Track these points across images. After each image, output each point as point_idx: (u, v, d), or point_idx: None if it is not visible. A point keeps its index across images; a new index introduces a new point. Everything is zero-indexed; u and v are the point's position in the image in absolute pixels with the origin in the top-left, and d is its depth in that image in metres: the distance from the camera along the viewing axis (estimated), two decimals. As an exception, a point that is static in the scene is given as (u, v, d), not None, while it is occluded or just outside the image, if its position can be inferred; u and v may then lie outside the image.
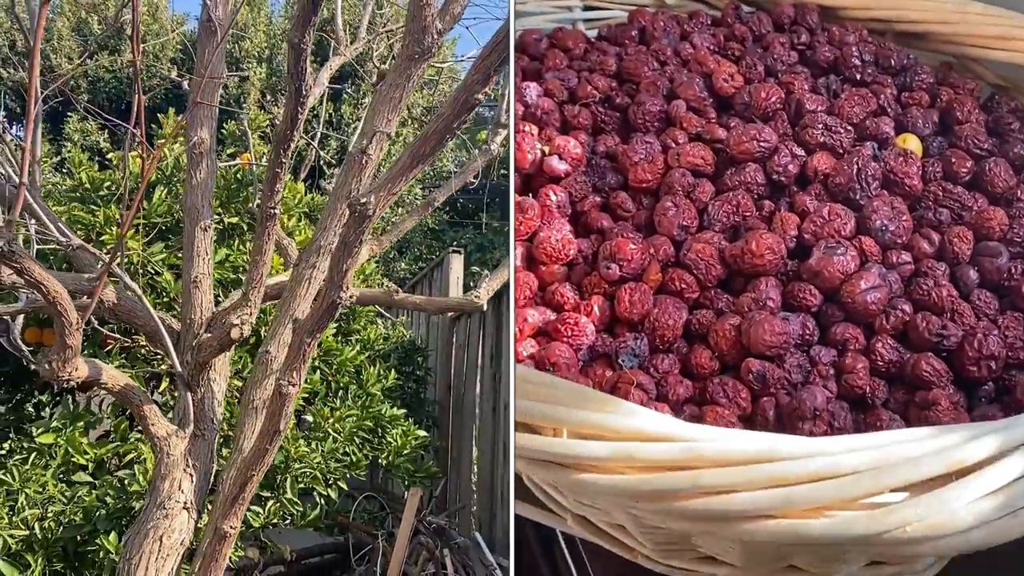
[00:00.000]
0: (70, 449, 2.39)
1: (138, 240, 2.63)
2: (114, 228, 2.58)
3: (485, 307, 1.97)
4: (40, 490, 2.30)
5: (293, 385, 1.34)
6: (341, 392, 3.11)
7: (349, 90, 7.74)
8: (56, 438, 2.41)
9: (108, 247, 2.53)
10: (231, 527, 1.42)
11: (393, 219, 7.29)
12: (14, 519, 2.22)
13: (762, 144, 1.94)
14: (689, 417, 1.70)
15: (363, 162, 1.47)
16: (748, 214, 1.91)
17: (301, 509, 2.70)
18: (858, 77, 2.09)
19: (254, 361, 1.58)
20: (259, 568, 2.84)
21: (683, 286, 1.84)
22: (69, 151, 3.33)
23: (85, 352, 2.40)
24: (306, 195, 3.26)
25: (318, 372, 3.01)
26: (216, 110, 1.78)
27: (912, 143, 1.96)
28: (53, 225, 1.66)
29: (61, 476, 2.38)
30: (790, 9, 2.30)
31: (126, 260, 2.54)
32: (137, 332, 2.11)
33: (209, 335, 1.69)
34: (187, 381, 1.67)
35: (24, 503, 2.26)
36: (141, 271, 2.62)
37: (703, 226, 1.92)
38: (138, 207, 1.78)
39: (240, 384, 2.61)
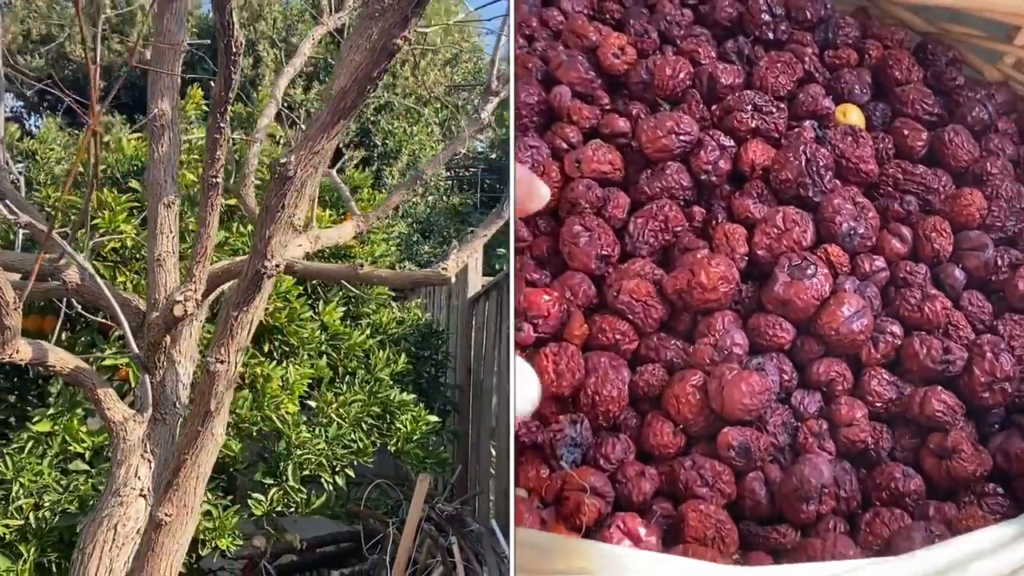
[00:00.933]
0: (67, 437, 2.37)
1: (132, 223, 2.56)
2: (106, 212, 2.53)
3: (454, 279, 1.76)
4: (35, 479, 2.29)
5: (221, 362, 1.27)
6: (349, 377, 3.01)
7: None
8: (53, 426, 2.38)
9: (100, 231, 2.51)
10: (166, 514, 1.34)
11: (414, 200, 6.95)
12: (8, 509, 2.23)
13: (682, 138, 1.52)
14: (664, 520, 1.29)
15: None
16: (679, 228, 1.50)
17: (305, 496, 2.66)
18: (771, 36, 1.71)
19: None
20: (267, 557, 2.77)
21: (617, 337, 1.41)
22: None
23: (85, 340, 2.53)
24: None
25: (324, 357, 2.92)
26: (177, 80, 1.73)
27: (854, 115, 1.61)
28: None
29: (58, 464, 2.37)
30: (669, -43, 1.88)
31: (118, 243, 2.54)
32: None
33: (156, 314, 1.65)
34: (144, 363, 1.61)
35: (18, 492, 2.26)
36: (137, 255, 2.57)
37: (626, 252, 1.49)
38: (92, 186, 1.74)
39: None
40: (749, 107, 1.55)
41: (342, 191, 2.42)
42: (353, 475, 2.75)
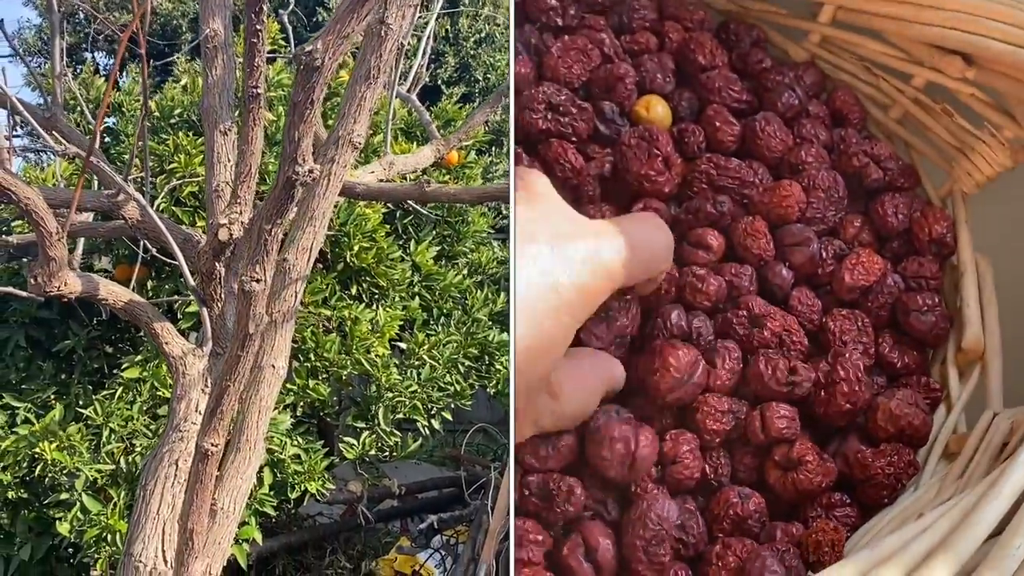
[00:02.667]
0: (155, 383, 2.40)
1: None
2: (182, 156, 2.51)
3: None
4: (124, 424, 2.33)
5: (256, 281, 1.17)
6: (443, 319, 2.93)
7: (466, 1, 7.01)
8: (142, 372, 2.40)
9: (177, 175, 2.48)
10: (212, 444, 1.27)
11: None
12: (99, 456, 2.27)
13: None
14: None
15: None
16: None
17: (399, 440, 2.65)
18: (559, 22, 1.52)
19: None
20: (364, 502, 2.77)
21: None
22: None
23: (169, 287, 2.53)
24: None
25: (417, 299, 2.85)
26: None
27: (659, 108, 1.44)
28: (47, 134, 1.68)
29: (148, 410, 2.39)
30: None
31: (195, 187, 2.46)
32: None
33: (203, 242, 1.60)
34: (201, 296, 1.59)
35: (108, 437, 2.30)
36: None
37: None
38: (103, 114, 1.64)
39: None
40: (542, 107, 1.35)
41: (420, 112, 2.29)
42: (451, 418, 2.72)
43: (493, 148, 4.90)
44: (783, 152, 1.42)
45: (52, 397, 2.53)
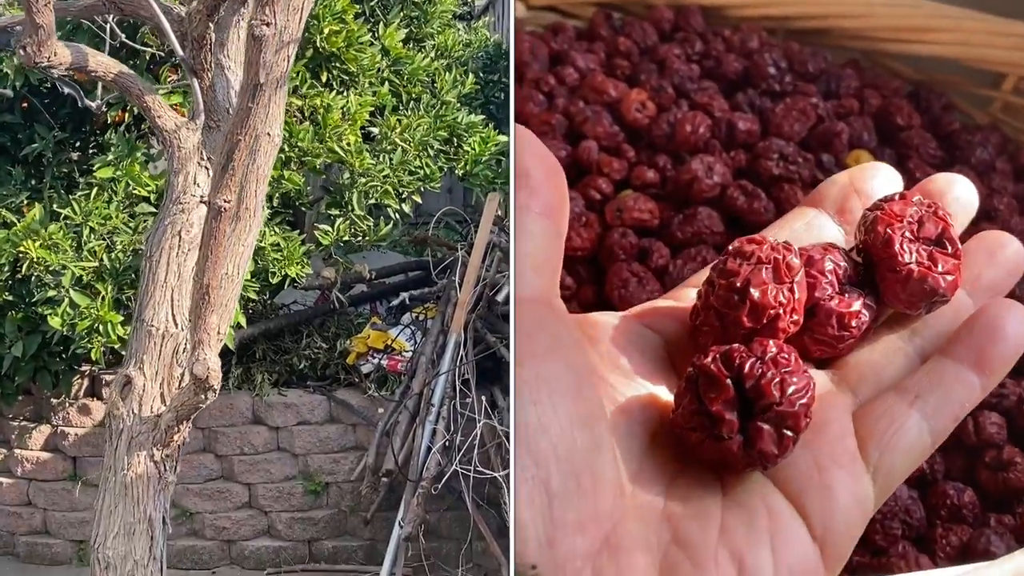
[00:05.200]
0: (130, 182, 2.44)
1: None
2: None
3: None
4: (104, 222, 2.38)
5: (267, 24, 1.16)
6: (413, 103, 2.92)
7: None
8: (115, 172, 2.43)
9: None
10: (225, 200, 1.28)
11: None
12: (82, 253, 2.33)
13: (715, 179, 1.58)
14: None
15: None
16: None
17: (372, 224, 2.72)
18: (777, 88, 1.79)
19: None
20: (337, 287, 2.89)
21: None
22: None
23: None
24: None
25: (386, 84, 2.84)
26: None
27: (865, 161, 1.69)
28: None
29: (125, 208, 2.45)
30: (668, 13, 1.95)
31: None
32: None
33: (195, 2, 1.52)
34: (191, 66, 1.54)
35: (89, 236, 2.35)
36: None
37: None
38: None
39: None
40: (776, 155, 1.61)
41: None
42: (420, 201, 2.83)
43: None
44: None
45: (26, 202, 2.54)
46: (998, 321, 0.91)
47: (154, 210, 2.39)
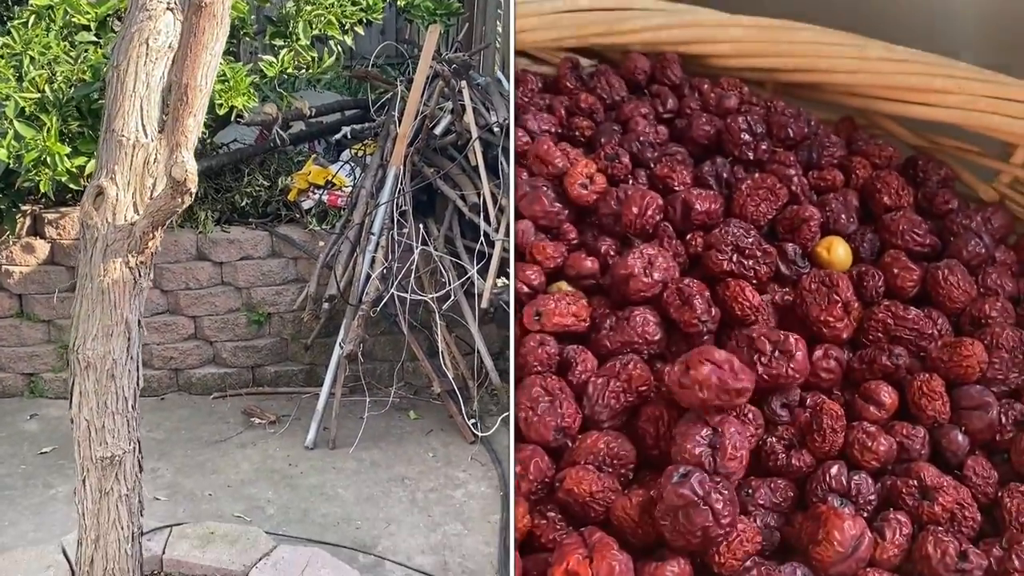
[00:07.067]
0: (68, 9, 2.41)
1: None
2: None
3: None
4: (44, 52, 2.36)
5: None
6: None
7: None
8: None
9: None
10: None
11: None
12: (23, 85, 2.31)
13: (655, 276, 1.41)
14: None
15: None
16: (643, 388, 1.36)
17: (315, 55, 2.78)
18: (751, 156, 1.60)
19: None
20: (278, 123, 2.90)
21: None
22: None
23: None
24: None
25: None
26: None
27: (839, 250, 1.49)
28: None
29: (65, 36, 2.43)
30: (644, 62, 1.77)
31: None
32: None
33: None
34: None
35: (29, 66, 2.34)
36: None
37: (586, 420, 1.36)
38: None
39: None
40: (729, 248, 1.43)
41: None
42: (363, 32, 2.90)
43: None
44: (966, 303, 1.44)
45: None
46: None
47: (95, 39, 2.45)
